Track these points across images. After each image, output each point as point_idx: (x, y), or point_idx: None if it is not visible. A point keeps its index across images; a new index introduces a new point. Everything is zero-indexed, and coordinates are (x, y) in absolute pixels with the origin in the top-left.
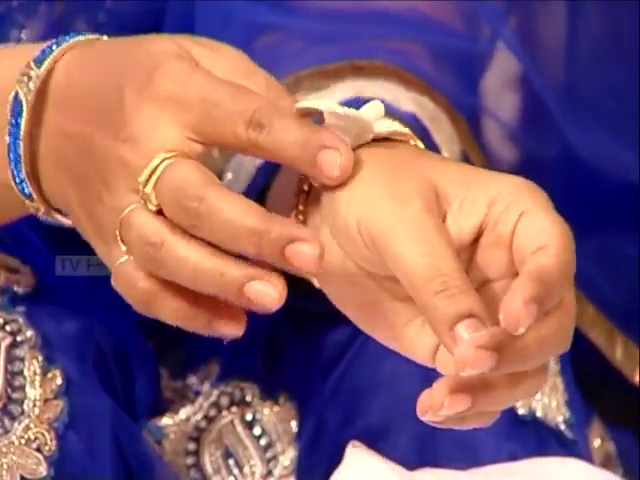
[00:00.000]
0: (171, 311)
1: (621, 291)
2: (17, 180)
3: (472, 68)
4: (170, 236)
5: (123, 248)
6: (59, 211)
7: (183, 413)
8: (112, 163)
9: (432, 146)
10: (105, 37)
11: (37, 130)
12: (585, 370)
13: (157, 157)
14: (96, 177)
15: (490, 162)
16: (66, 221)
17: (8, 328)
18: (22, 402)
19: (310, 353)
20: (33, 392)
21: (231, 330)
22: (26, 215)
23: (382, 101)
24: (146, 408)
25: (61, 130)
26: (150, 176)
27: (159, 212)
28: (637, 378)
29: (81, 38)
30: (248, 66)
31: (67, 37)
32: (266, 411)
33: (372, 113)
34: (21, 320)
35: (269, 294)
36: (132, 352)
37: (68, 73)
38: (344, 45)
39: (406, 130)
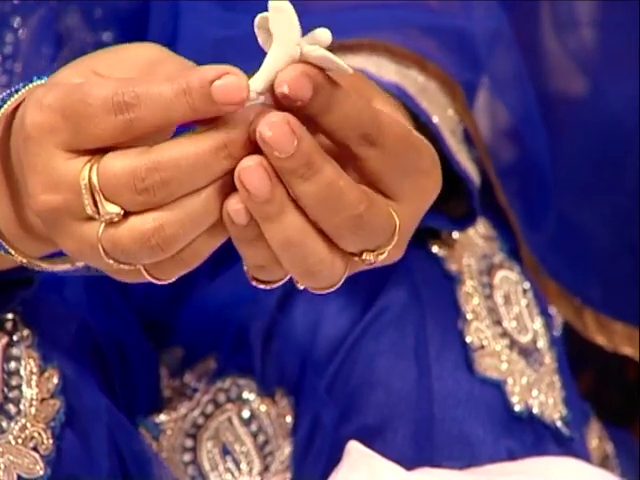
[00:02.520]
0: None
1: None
2: None
3: (470, 46)
4: (161, 215)
5: (126, 267)
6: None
7: (180, 410)
8: (51, 217)
9: (419, 112)
10: (44, 79)
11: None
12: (583, 369)
13: (82, 178)
14: (52, 232)
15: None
16: (51, 268)
17: (4, 327)
18: (19, 401)
19: (305, 349)
20: (29, 391)
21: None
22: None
23: (364, 71)
24: (146, 407)
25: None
26: (92, 195)
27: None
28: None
29: (26, 88)
30: (158, 56)
31: (13, 91)
32: (263, 407)
33: (313, 37)
34: (17, 319)
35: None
36: (132, 352)
37: (16, 123)
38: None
39: (345, 67)
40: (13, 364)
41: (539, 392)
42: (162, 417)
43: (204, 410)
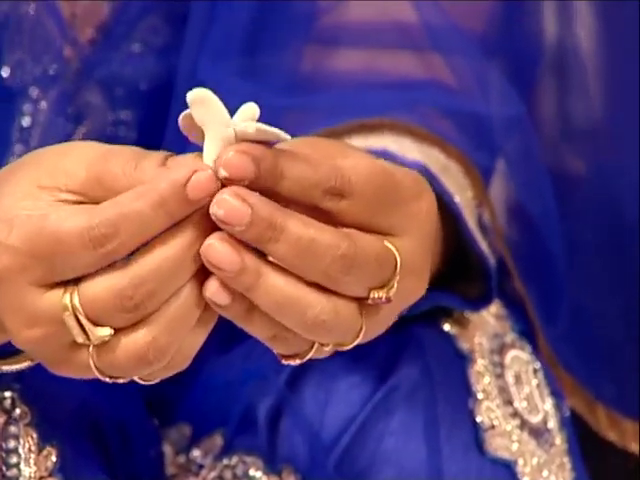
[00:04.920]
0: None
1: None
2: None
3: (487, 131)
4: (149, 331)
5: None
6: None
7: None
8: (37, 348)
9: (442, 191)
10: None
11: None
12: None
13: (65, 308)
14: (42, 359)
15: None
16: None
17: (2, 405)
18: None
19: (314, 427)
20: (28, 470)
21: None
22: None
23: (385, 151)
24: None
25: None
26: (79, 321)
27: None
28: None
29: None
30: (100, 153)
31: None
32: None
33: (241, 114)
34: (16, 397)
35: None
36: (134, 430)
37: None
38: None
39: (283, 135)
40: (12, 442)
41: (549, 473)
42: None
43: None
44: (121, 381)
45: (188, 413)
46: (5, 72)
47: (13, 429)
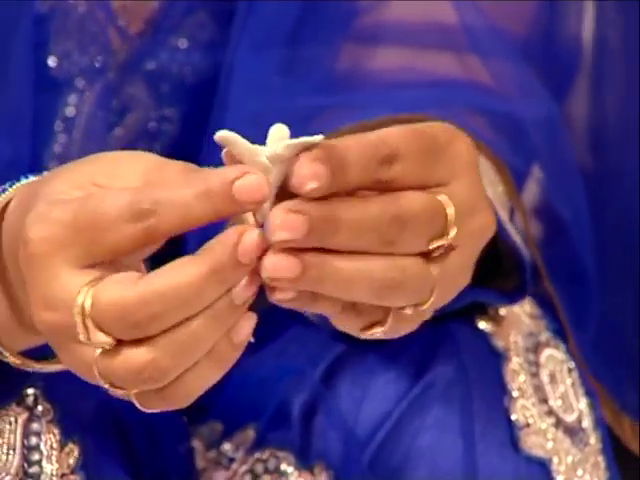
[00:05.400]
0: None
1: None
2: None
3: (521, 131)
4: (154, 349)
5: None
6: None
7: (218, 478)
8: (49, 333)
9: None
10: (31, 178)
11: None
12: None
13: (75, 305)
14: (52, 343)
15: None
16: (44, 369)
17: (25, 402)
18: (39, 477)
19: (348, 424)
20: (50, 467)
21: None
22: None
23: None
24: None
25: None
26: (84, 322)
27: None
28: None
29: (22, 183)
30: (156, 163)
31: (9, 185)
32: None
33: (271, 137)
34: (38, 393)
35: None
36: (162, 427)
37: (7, 223)
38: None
39: (314, 138)
40: (34, 439)
41: (584, 472)
42: None
43: None
44: (119, 393)
45: (220, 411)
46: (52, 62)
47: (35, 426)
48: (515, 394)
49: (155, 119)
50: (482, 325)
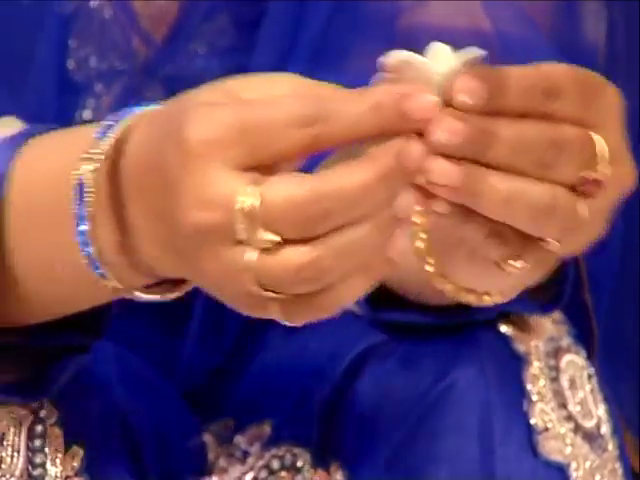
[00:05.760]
0: None
1: None
2: (89, 260)
3: None
4: (320, 247)
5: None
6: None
7: (233, 472)
8: (198, 236)
9: None
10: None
11: (112, 209)
12: None
13: (238, 201)
14: (193, 254)
15: None
16: (147, 297)
17: (30, 405)
18: (43, 479)
19: (368, 423)
20: (54, 469)
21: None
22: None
23: None
24: (190, 474)
25: (138, 212)
26: (251, 218)
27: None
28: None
29: (141, 110)
30: (307, 82)
31: (128, 111)
32: (316, 478)
33: (436, 58)
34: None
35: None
36: (171, 427)
37: (130, 151)
38: None
39: (478, 50)
40: (38, 442)
41: (602, 477)
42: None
43: (257, 475)
44: (271, 296)
45: (233, 408)
46: (71, 64)
47: (39, 428)
48: (535, 398)
49: None
50: (504, 329)
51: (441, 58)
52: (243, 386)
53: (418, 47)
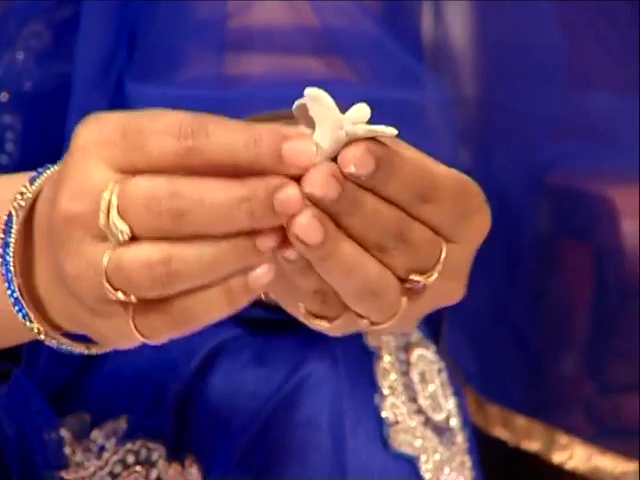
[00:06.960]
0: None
1: None
2: (12, 300)
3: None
4: (171, 247)
5: (121, 296)
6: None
7: (89, 467)
8: (65, 227)
9: None
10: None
11: (31, 250)
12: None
13: (105, 195)
14: (59, 252)
15: None
16: (69, 345)
17: None
18: None
19: (221, 417)
20: None
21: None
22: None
23: None
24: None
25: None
26: (108, 208)
27: (133, 239)
28: None
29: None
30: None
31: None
32: (171, 472)
33: (354, 114)
34: None
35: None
36: (31, 417)
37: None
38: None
39: (390, 130)
40: None
41: (450, 470)
42: (71, 474)
43: (112, 469)
44: (122, 298)
45: (89, 402)
46: None
47: None
48: (386, 392)
49: None
50: None
51: (356, 115)
52: (99, 380)
53: (249, 49)
